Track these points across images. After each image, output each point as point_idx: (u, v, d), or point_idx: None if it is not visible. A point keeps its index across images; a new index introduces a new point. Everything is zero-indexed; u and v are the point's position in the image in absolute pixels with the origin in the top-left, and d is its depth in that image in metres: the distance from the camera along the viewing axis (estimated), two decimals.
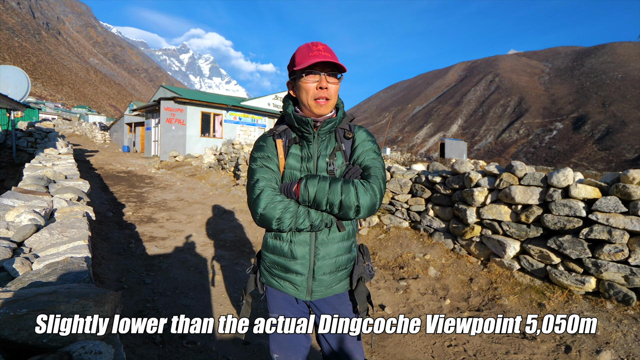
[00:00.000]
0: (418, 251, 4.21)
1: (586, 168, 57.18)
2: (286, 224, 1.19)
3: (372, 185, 1.20)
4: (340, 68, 1.22)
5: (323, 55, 1.19)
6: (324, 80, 1.21)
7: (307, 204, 1.20)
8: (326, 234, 1.28)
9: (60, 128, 28.44)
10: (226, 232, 5.27)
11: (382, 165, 1.30)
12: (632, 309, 2.70)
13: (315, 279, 1.29)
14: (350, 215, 1.18)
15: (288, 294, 1.34)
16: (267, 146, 1.33)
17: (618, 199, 2.86)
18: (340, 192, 1.16)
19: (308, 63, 1.18)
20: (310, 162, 1.29)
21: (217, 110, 17.27)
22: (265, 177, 1.25)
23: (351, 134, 1.33)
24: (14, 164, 8.77)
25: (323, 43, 1.26)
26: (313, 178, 1.20)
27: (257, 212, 1.19)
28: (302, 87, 1.24)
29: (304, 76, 1.23)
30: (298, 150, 1.31)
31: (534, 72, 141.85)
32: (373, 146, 1.33)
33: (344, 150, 1.31)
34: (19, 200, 2.48)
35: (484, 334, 2.69)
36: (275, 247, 1.31)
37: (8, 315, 0.92)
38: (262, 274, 1.40)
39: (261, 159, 1.29)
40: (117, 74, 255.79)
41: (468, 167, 4.03)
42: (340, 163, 1.30)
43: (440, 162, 16.32)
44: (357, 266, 1.36)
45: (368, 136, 1.36)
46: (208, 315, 2.91)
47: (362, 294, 1.32)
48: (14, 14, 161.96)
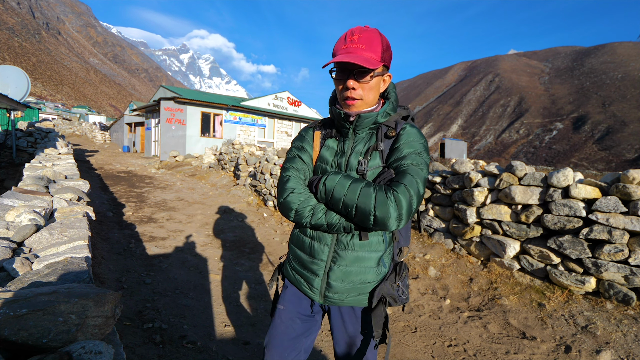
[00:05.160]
0: (418, 251, 4.21)
1: (586, 168, 57.18)
2: (303, 216, 1.13)
3: (396, 195, 1.00)
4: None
5: (353, 49, 1.07)
6: (349, 81, 1.10)
7: (324, 201, 1.12)
8: (348, 238, 1.16)
9: (60, 128, 28.44)
10: (226, 232, 5.27)
11: (422, 174, 1.07)
12: (632, 309, 2.70)
13: (329, 284, 1.18)
14: (368, 224, 1.03)
15: (302, 292, 1.27)
16: (306, 137, 1.29)
17: (618, 199, 2.86)
18: (358, 193, 1.03)
19: (331, 61, 1.08)
20: (343, 158, 1.19)
21: (217, 110, 17.27)
22: (295, 166, 1.22)
23: (394, 132, 1.15)
24: (14, 164, 8.77)
25: (363, 29, 1.10)
26: (335, 174, 1.10)
27: (279, 200, 1.17)
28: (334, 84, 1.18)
29: (333, 74, 1.15)
30: (334, 144, 1.24)
31: (534, 72, 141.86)
32: (419, 148, 1.12)
33: (382, 150, 1.15)
34: (19, 200, 2.48)
35: (484, 334, 2.69)
36: (298, 241, 1.27)
37: (8, 315, 0.92)
38: (285, 265, 1.36)
39: (296, 149, 1.27)
40: (117, 74, 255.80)
41: (468, 167, 4.03)
42: (375, 164, 1.14)
43: (440, 162, 16.32)
44: (383, 283, 1.17)
45: (417, 136, 1.15)
46: (208, 315, 2.91)
47: (379, 317, 1.14)
48: (14, 14, 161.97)
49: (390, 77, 1.21)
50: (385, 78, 1.18)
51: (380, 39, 1.10)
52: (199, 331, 2.64)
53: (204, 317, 2.86)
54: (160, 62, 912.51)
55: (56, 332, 0.94)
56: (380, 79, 1.15)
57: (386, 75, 1.18)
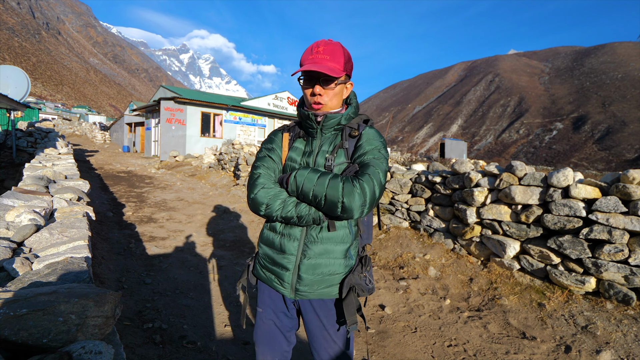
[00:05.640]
0: (418, 251, 4.21)
1: (586, 168, 57.20)
2: (273, 210, 1.20)
3: (361, 184, 1.12)
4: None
5: (319, 60, 1.20)
6: (316, 87, 1.23)
7: (295, 194, 1.20)
8: (317, 232, 1.25)
9: (60, 128, 28.45)
10: (226, 232, 5.27)
11: (382, 166, 1.21)
12: (632, 309, 2.70)
13: (300, 277, 1.25)
14: (336, 212, 1.13)
15: (274, 288, 1.33)
16: (275, 138, 1.39)
17: (618, 199, 2.86)
18: (326, 184, 1.12)
19: (299, 70, 1.22)
20: (310, 157, 1.30)
21: (217, 110, 17.27)
22: (265, 165, 1.30)
23: (357, 132, 1.28)
24: (14, 163, 8.76)
25: (327, 42, 1.23)
26: (304, 169, 1.19)
27: (250, 196, 1.25)
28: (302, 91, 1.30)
29: (302, 82, 1.27)
30: (302, 144, 1.35)
31: (534, 72, 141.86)
32: (378, 145, 1.26)
33: (347, 149, 1.27)
34: (19, 200, 2.48)
35: (484, 334, 2.69)
36: (268, 239, 1.33)
37: (8, 315, 0.92)
38: (255, 266, 1.42)
39: (266, 150, 1.36)
40: (117, 74, 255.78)
41: (468, 167, 4.03)
42: (341, 161, 1.26)
43: (440, 162, 16.32)
44: (351, 275, 1.26)
45: (376, 135, 1.29)
46: (208, 315, 2.91)
47: (351, 305, 1.23)
48: (14, 14, 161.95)
49: (352, 85, 1.34)
50: (348, 86, 1.32)
51: (342, 52, 1.24)
52: (199, 331, 2.64)
53: (204, 317, 2.86)
54: (160, 62, 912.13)
55: (56, 332, 0.94)
56: (343, 86, 1.28)
57: (348, 84, 1.31)
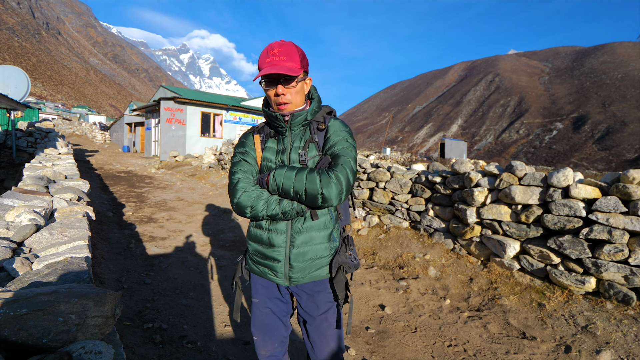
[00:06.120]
0: (418, 251, 4.21)
1: (586, 168, 57.18)
2: (258, 211, 1.26)
3: (336, 174, 1.21)
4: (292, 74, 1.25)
5: (276, 62, 1.24)
6: (279, 88, 1.27)
7: (276, 192, 1.26)
8: (301, 223, 1.32)
9: (60, 128, 28.44)
10: (226, 232, 5.27)
11: (352, 154, 1.30)
12: (632, 309, 2.70)
13: (292, 266, 1.33)
14: (317, 203, 1.21)
15: (268, 279, 1.40)
16: (247, 142, 1.43)
17: (618, 199, 2.86)
18: (304, 180, 1.19)
19: (259, 75, 1.26)
20: (284, 155, 1.35)
21: (217, 110, 17.27)
22: (242, 169, 1.34)
23: (324, 125, 1.36)
24: (14, 163, 8.77)
25: (281, 43, 1.28)
26: (281, 168, 1.25)
27: (233, 201, 1.29)
28: (266, 93, 1.35)
29: (264, 85, 1.31)
30: (274, 144, 1.39)
31: (534, 72, 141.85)
32: (345, 135, 1.34)
33: (317, 142, 1.34)
34: (19, 200, 2.48)
35: (484, 334, 2.69)
36: (256, 236, 1.39)
37: (8, 315, 0.92)
38: (247, 262, 1.48)
39: (240, 154, 1.39)
40: (117, 74, 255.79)
41: (468, 167, 4.03)
42: (313, 154, 1.33)
43: (440, 162, 16.31)
44: (337, 255, 1.38)
45: (341, 126, 1.37)
46: (208, 315, 2.91)
47: (340, 282, 1.35)
48: (14, 14, 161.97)
49: (311, 80, 1.39)
50: (307, 82, 1.37)
51: (296, 50, 1.29)
52: (199, 331, 2.64)
53: (204, 317, 2.86)
54: (160, 62, 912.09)
55: (56, 332, 0.94)
56: (303, 83, 1.33)
57: (307, 79, 1.37)
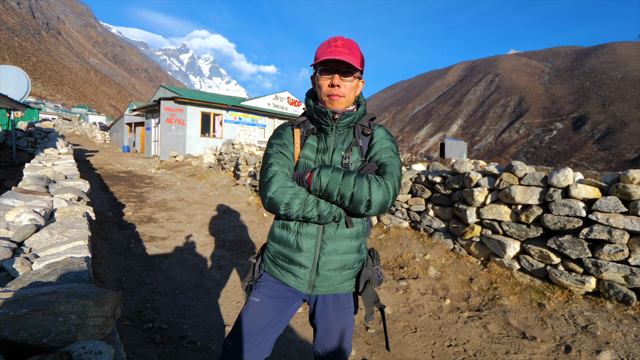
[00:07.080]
0: (418, 251, 4.21)
1: (586, 168, 57.18)
2: (294, 210, 1.17)
3: (386, 182, 1.17)
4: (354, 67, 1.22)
5: (339, 52, 1.20)
6: (336, 78, 1.23)
7: (318, 193, 1.19)
8: (334, 229, 1.26)
9: (60, 128, 28.44)
10: (226, 232, 5.27)
11: (399, 164, 1.27)
12: (632, 309, 2.70)
13: (319, 273, 1.27)
14: (360, 210, 1.16)
15: (288, 285, 1.31)
16: (285, 134, 1.34)
17: (618, 199, 2.86)
18: (352, 184, 1.14)
19: (321, 59, 1.21)
20: (326, 154, 1.29)
21: (217, 110, 17.26)
22: (279, 162, 1.25)
23: (370, 130, 1.32)
24: (14, 164, 8.77)
25: (345, 38, 1.25)
26: (327, 168, 1.19)
27: (267, 195, 1.19)
28: (317, 83, 1.28)
29: (318, 73, 1.26)
30: (315, 141, 1.33)
31: (534, 72, 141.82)
32: (391, 145, 1.31)
33: (361, 146, 1.30)
34: (19, 200, 2.48)
35: (484, 334, 2.69)
36: (281, 238, 1.30)
37: (8, 315, 0.92)
38: (265, 263, 1.39)
39: (277, 145, 1.30)
40: (117, 74, 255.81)
41: (468, 167, 4.03)
42: (355, 158, 1.28)
43: (440, 162, 16.30)
44: (365, 268, 1.33)
45: (387, 135, 1.34)
46: (208, 315, 2.91)
47: (369, 297, 1.29)
48: (14, 14, 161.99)
49: (364, 83, 1.36)
50: (360, 84, 1.34)
51: (358, 48, 1.27)
52: (199, 331, 2.63)
53: (204, 317, 2.86)
54: (160, 62, 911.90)
55: (56, 332, 0.94)
56: (358, 81, 1.30)
57: (361, 81, 1.34)
